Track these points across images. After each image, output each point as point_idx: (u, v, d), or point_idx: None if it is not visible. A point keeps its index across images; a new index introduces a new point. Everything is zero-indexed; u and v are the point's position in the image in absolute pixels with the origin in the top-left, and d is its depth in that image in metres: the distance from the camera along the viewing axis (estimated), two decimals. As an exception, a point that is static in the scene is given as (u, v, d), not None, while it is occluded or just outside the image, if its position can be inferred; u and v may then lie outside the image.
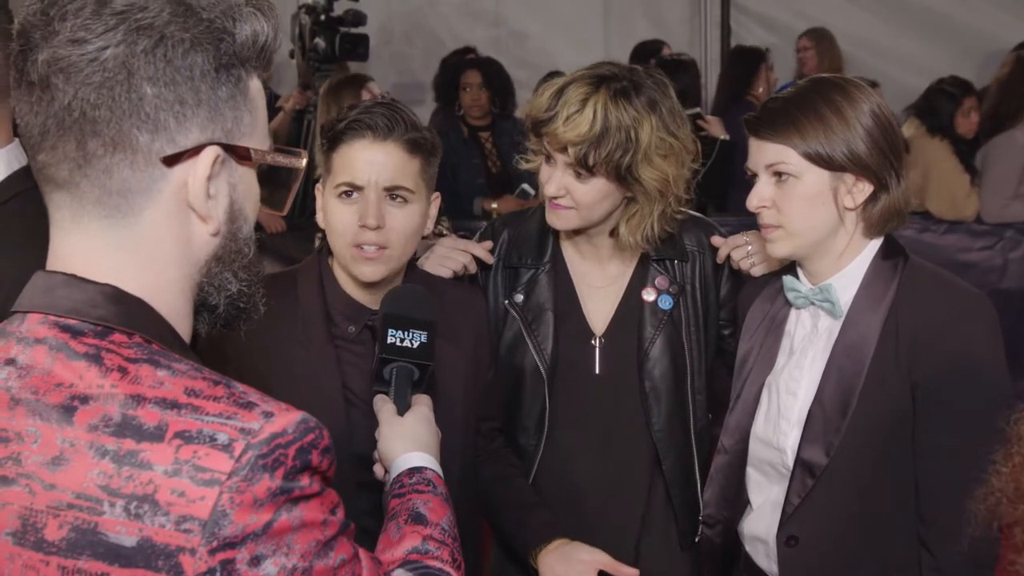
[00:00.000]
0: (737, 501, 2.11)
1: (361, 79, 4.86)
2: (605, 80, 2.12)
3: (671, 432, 2.28)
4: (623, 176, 2.11)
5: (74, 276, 1.07)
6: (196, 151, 1.07)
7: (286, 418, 1.02)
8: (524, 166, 2.31)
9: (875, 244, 1.96)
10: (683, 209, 2.28)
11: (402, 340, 1.73)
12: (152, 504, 0.96)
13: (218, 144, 1.08)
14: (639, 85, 2.13)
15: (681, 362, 2.28)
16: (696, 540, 2.33)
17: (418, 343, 1.73)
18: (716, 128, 5.44)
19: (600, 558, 2.09)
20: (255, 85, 1.13)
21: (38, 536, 0.98)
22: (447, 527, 1.43)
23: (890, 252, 1.95)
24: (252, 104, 1.12)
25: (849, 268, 1.95)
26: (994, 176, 5.36)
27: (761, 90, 5.72)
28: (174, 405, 1.00)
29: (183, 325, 1.13)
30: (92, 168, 1.05)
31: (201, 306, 1.15)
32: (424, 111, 6.68)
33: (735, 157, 5.10)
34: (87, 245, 1.08)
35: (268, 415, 1.01)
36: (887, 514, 1.92)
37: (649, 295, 2.29)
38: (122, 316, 1.06)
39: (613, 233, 2.25)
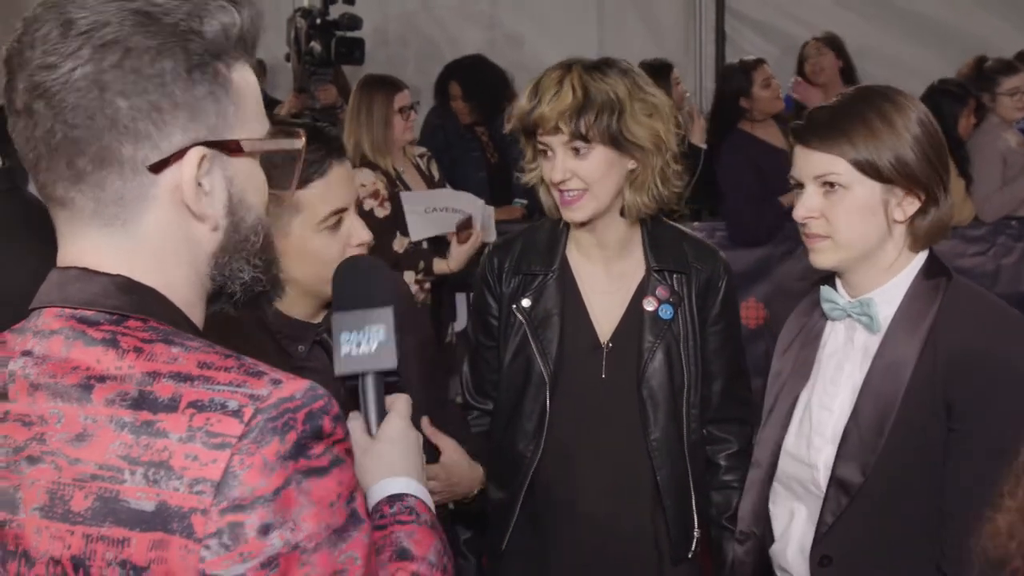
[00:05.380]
0: (768, 516, 2.06)
1: (397, 83, 4.74)
2: (575, 62, 2.26)
3: (666, 442, 2.30)
4: (617, 139, 2.19)
5: (86, 270, 1.10)
6: (180, 155, 1.08)
7: (294, 384, 1.05)
8: (524, 179, 2.35)
9: (918, 261, 1.93)
10: (680, 208, 2.36)
11: (358, 345, 1.49)
12: (167, 469, 1.00)
13: (203, 143, 1.09)
14: (607, 62, 2.27)
15: (678, 374, 2.30)
16: (690, 555, 2.34)
17: (376, 343, 1.48)
18: (697, 135, 5.30)
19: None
20: (239, 74, 1.13)
21: (65, 508, 1.02)
22: (434, 560, 1.33)
23: (933, 271, 1.92)
24: (237, 94, 1.12)
25: (891, 283, 1.91)
26: (979, 170, 5.33)
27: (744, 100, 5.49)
28: (187, 378, 1.04)
29: (195, 314, 1.16)
30: (85, 184, 1.08)
31: (219, 292, 1.18)
32: (419, 114, 6.66)
33: (710, 165, 5.11)
34: (95, 247, 1.11)
35: (276, 382, 1.04)
36: (920, 534, 1.87)
37: (650, 304, 2.31)
38: (135, 304, 1.09)
39: (623, 212, 2.29)
